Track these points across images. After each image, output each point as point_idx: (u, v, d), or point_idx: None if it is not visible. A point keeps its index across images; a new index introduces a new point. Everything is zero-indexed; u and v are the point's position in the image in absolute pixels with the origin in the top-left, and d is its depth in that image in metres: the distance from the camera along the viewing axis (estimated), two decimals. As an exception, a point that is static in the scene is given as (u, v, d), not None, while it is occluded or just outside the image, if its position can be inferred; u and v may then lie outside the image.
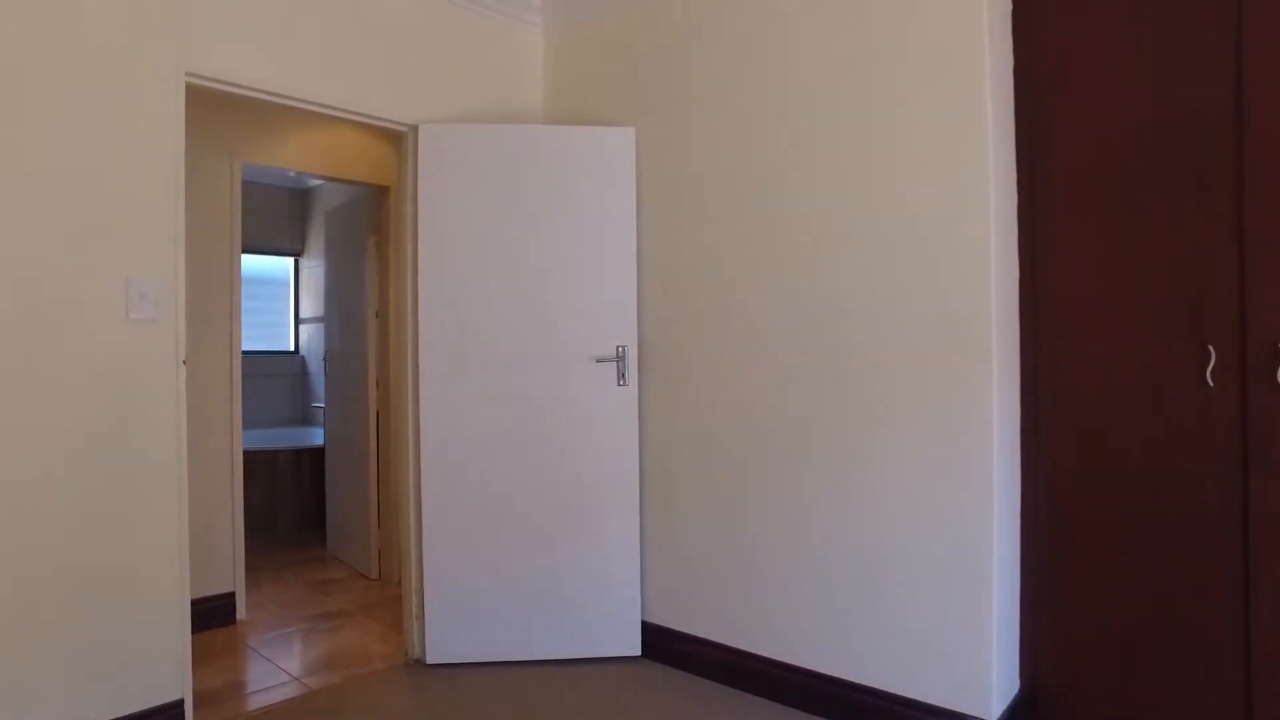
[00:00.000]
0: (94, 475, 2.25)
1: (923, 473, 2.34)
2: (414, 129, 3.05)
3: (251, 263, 6.38)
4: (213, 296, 3.48)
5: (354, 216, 4.42)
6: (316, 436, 5.98)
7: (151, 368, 2.37)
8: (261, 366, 6.31)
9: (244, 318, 5.94)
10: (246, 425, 6.09)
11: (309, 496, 5.53)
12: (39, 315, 2.16)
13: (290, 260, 6.66)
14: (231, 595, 3.50)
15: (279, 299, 6.60)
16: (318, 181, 6.33)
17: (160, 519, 2.39)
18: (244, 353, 6.28)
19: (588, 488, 3.02)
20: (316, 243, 6.37)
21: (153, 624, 2.37)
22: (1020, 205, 2.38)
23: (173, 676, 2.40)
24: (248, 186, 6.20)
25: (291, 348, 6.63)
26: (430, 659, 2.99)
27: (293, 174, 6.07)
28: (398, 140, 3.18)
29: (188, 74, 2.47)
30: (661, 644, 3.02)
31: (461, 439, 2.99)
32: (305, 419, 6.46)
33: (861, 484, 2.47)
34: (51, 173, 2.19)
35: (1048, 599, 2.34)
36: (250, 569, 4.39)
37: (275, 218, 6.44)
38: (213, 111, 3.50)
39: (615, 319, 3.03)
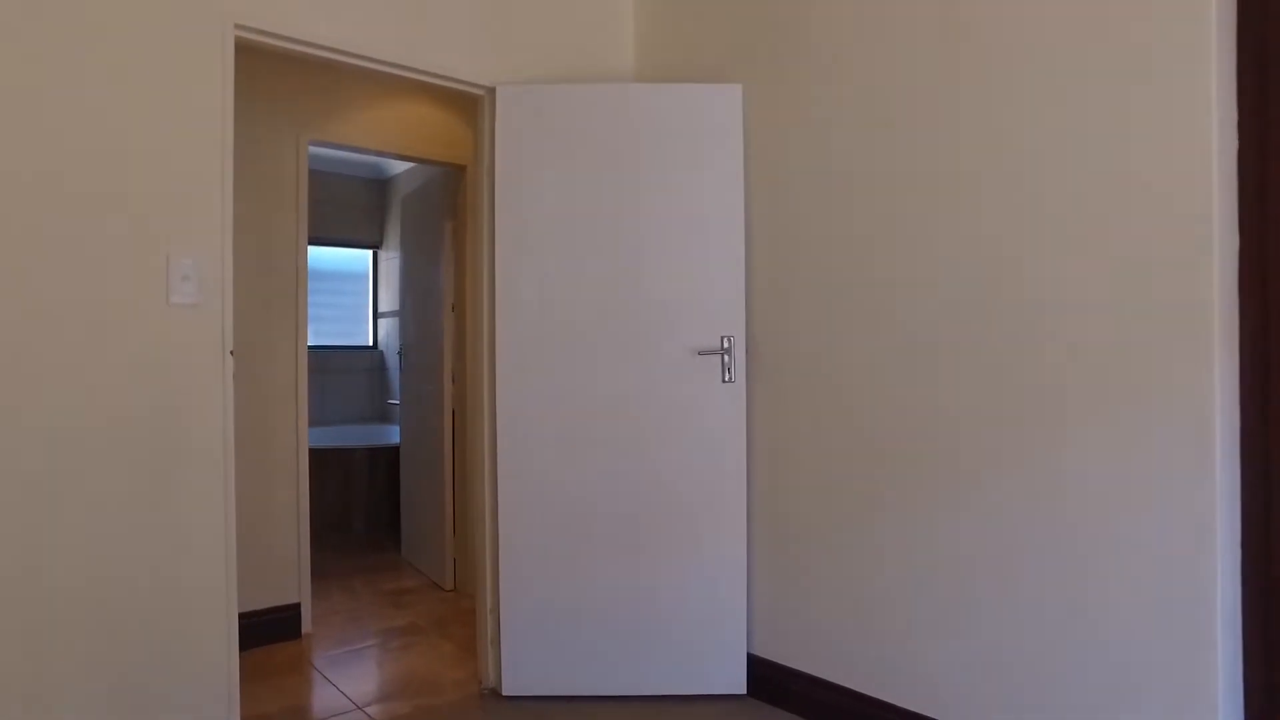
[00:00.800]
0: (129, 477, 1.97)
1: (1116, 493, 1.85)
2: (491, 91, 2.70)
3: (329, 255, 6.23)
4: (276, 285, 3.22)
5: (429, 201, 4.13)
6: (394, 434, 5.76)
7: (194, 358, 2.08)
8: (339, 362, 6.13)
9: (322, 311, 5.72)
10: (323, 422, 5.94)
11: (384, 498, 5.30)
12: (65, 298, 1.89)
13: (369, 253, 6.48)
14: (296, 607, 3.24)
15: (358, 293, 6.42)
16: (396, 170, 6.11)
17: (205, 526, 2.10)
18: (321, 348, 6.22)
19: (687, 500, 2.62)
20: (395, 234, 6.16)
21: (196, 643, 2.08)
22: (1241, 151, 1.86)
23: (217, 703, 2.11)
24: (324, 177, 6.06)
25: (370, 342, 6.44)
26: (507, 690, 2.64)
27: (370, 158, 5.88)
28: (473, 107, 2.85)
29: (237, 26, 2.17)
30: (770, 682, 2.60)
31: (542, 441, 2.63)
32: (383, 416, 6.26)
33: (1038, 512, 2.00)
34: (80, 133, 1.91)
35: (1280, 658, 1.83)
36: (320, 574, 4.15)
37: (353, 209, 6.25)
38: (276, 86, 3.24)
39: (720, 306, 2.62)
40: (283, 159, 3.24)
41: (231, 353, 2.14)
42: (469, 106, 3.56)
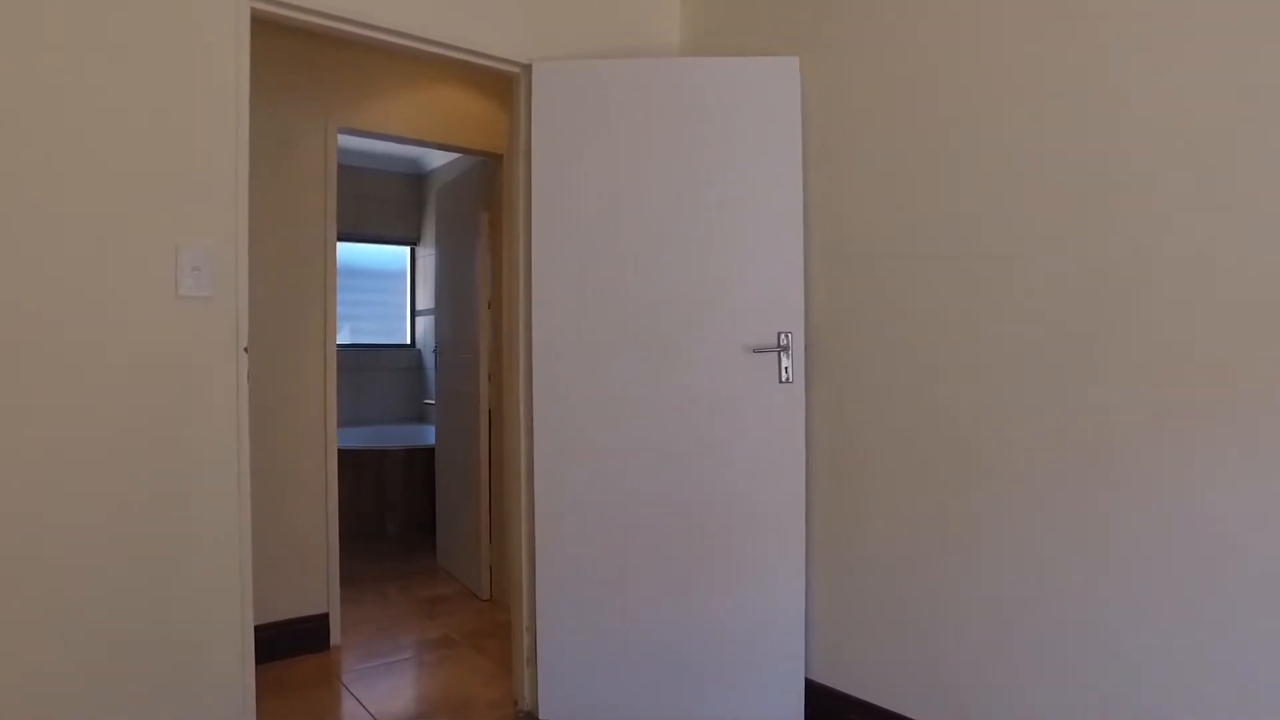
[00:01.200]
0: (131, 485, 1.81)
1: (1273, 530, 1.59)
2: (526, 69, 2.50)
3: (367, 252, 6.11)
4: (304, 280, 3.06)
5: (464, 192, 3.96)
6: (430, 435, 5.62)
7: (206, 355, 1.92)
8: (377, 360, 6.01)
9: (361, 310, 5.59)
10: (359, 422, 5.82)
11: (421, 500, 5.16)
12: (63, 288, 1.73)
13: (406, 249, 6.35)
14: (324, 617, 3.08)
15: (395, 291, 6.30)
16: (434, 165, 5.98)
17: (216, 537, 1.93)
18: (358, 346, 6.10)
19: (739, 511, 2.40)
20: (432, 230, 6.02)
21: (207, 659, 1.91)
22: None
23: (230, 732, 1.95)
24: (361, 173, 5.93)
25: (407, 340, 6.32)
26: (543, 713, 2.44)
27: (408, 153, 5.75)
28: (507, 91, 2.66)
29: (253, -5, 2.01)
30: (830, 711, 2.36)
31: (582, 446, 2.43)
32: (421, 416, 6.13)
33: (1170, 550, 1.74)
34: (82, 108, 1.76)
35: None
36: (352, 579, 4.01)
37: (390, 204, 6.13)
38: (303, 71, 3.08)
39: (776, 298, 2.39)
40: (310, 147, 3.08)
41: (246, 350, 1.97)
42: (504, 91, 3.39)
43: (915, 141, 2.17)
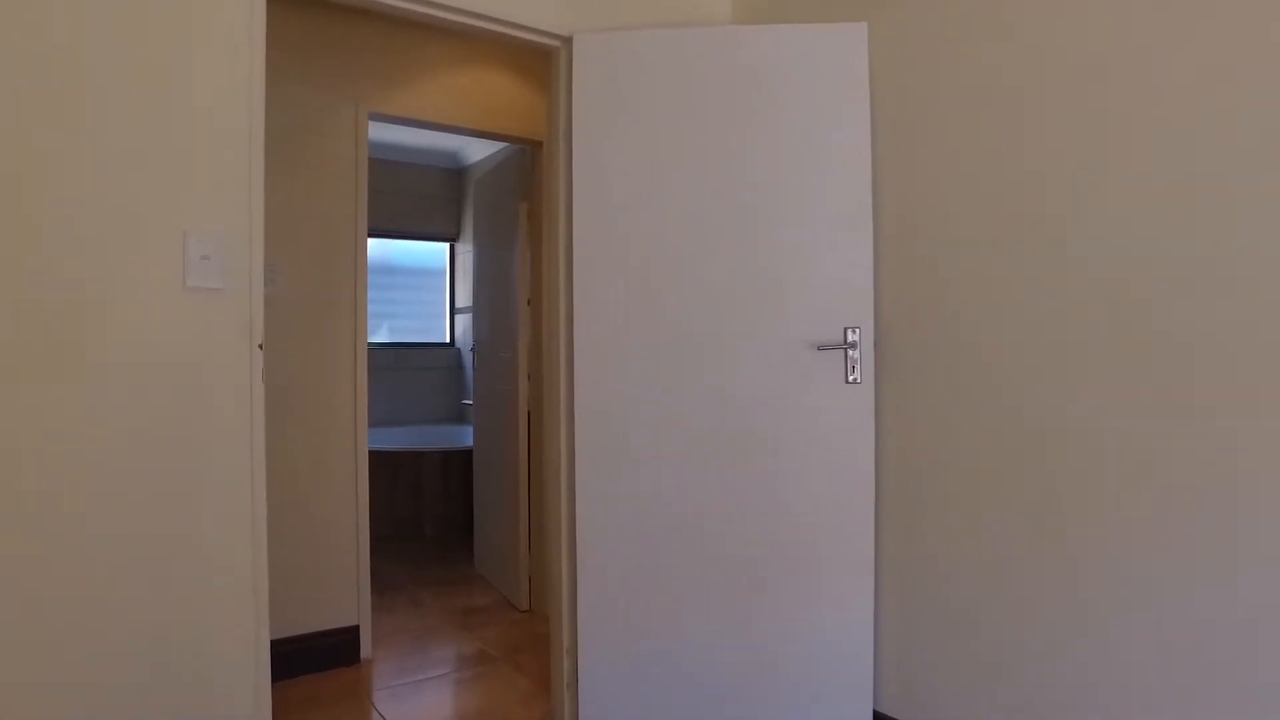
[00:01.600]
0: (136, 490, 1.65)
1: None
2: (567, 42, 2.31)
3: (406, 249, 5.99)
4: (334, 271, 2.91)
5: (503, 182, 3.78)
6: (469, 436, 5.47)
7: (216, 351, 1.75)
8: (415, 359, 5.88)
9: (398, 308, 5.47)
10: (396, 423, 5.69)
11: (458, 504, 5.01)
12: (61, 278, 1.57)
13: (445, 246, 6.21)
14: (354, 630, 2.92)
15: (434, 288, 6.17)
16: (473, 159, 5.82)
17: (227, 547, 1.76)
18: (396, 345, 5.98)
19: (800, 523, 2.17)
20: (471, 225, 5.88)
21: (217, 679, 1.75)
22: None
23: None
24: (399, 167, 5.80)
25: (446, 339, 6.18)
26: (585, 742, 2.25)
27: (447, 145, 5.60)
28: (546, 66, 2.46)
29: (268, -42, 1.84)
30: (902, 749, 2.13)
31: (628, 451, 2.22)
32: (461, 416, 5.98)
33: (1280, 552, 1.48)
34: (82, 77, 1.60)
35: None
36: (387, 587, 3.86)
37: (429, 200, 5.99)
38: (333, 54, 2.93)
39: (843, 290, 2.16)
40: (340, 134, 2.93)
41: (260, 346, 1.80)
42: (542, 72, 3.20)
43: (997, 116, 1.92)
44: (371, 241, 4.81)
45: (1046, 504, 1.83)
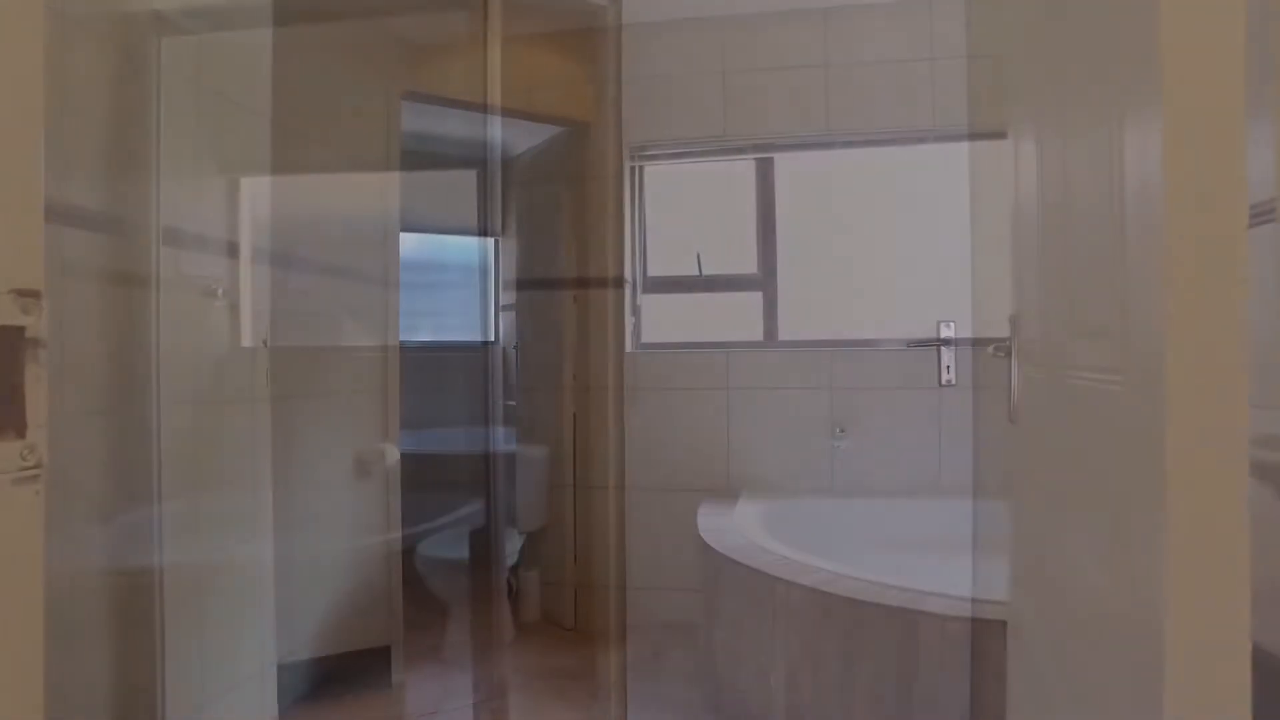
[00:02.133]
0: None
1: None
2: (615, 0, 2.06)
3: (448, 244, 5.79)
4: (362, 269, 2.70)
5: (546, 169, 3.54)
6: (511, 439, 5.25)
7: (216, 349, 1.53)
8: (455, 359, 5.67)
9: (440, 305, 5.26)
10: (433, 425, 5.50)
11: (497, 510, 4.78)
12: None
13: (490, 241, 6.00)
14: (386, 651, 2.70)
15: (477, 285, 5.97)
16: (519, 150, 5.60)
17: (232, 563, 1.55)
18: (436, 344, 5.76)
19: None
20: (514, 219, 5.67)
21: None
22: None
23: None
24: (439, 159, 5.59)
25: (490, 337, 5.96)
26: (636, 790, 1.99)
27: (488, 134, 5.37)
28: (591, 41, 2.21)
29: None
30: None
31: (686, 466, 1.96)
32: (503, 418, 5.76)
33: None
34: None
35: None
36: (424, 599, 3.64)
37: (471, 195, 5.78)
38: (362, 34, 2.72)
39: (941, 283, 1.87)
40: (371, 115, 2.71)
41: (265, 342, 1.58)
42: (588, 48, 2.95)
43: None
44: (408, 236, 4.64)
45: None
